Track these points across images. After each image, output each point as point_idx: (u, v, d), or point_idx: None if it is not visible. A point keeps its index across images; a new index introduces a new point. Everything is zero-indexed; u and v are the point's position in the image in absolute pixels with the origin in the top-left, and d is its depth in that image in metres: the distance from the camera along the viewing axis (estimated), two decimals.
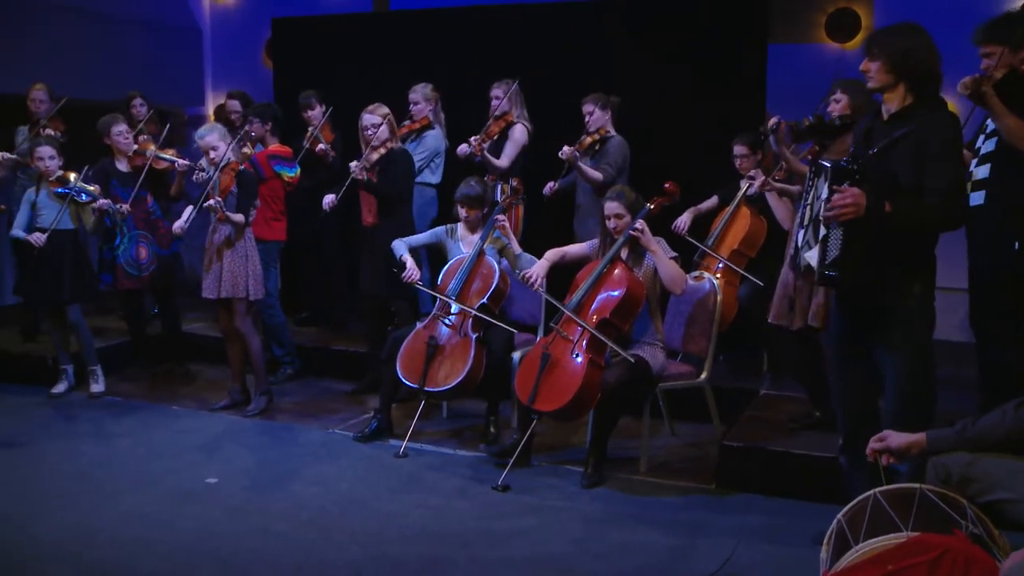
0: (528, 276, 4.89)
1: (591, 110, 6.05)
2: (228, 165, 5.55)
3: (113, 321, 7.38)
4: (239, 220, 5.52)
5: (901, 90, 3.36)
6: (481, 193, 5.39)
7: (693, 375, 5.01)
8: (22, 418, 5.77)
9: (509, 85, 6.30)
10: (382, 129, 5.68)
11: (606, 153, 6.01)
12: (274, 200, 6.38)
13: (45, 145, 5.94)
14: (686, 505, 4.46)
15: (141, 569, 3.76)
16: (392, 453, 5.11)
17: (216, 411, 5.88)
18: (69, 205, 5.92)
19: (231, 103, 7.18)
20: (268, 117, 6.52)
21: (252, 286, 5.66)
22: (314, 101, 6.67)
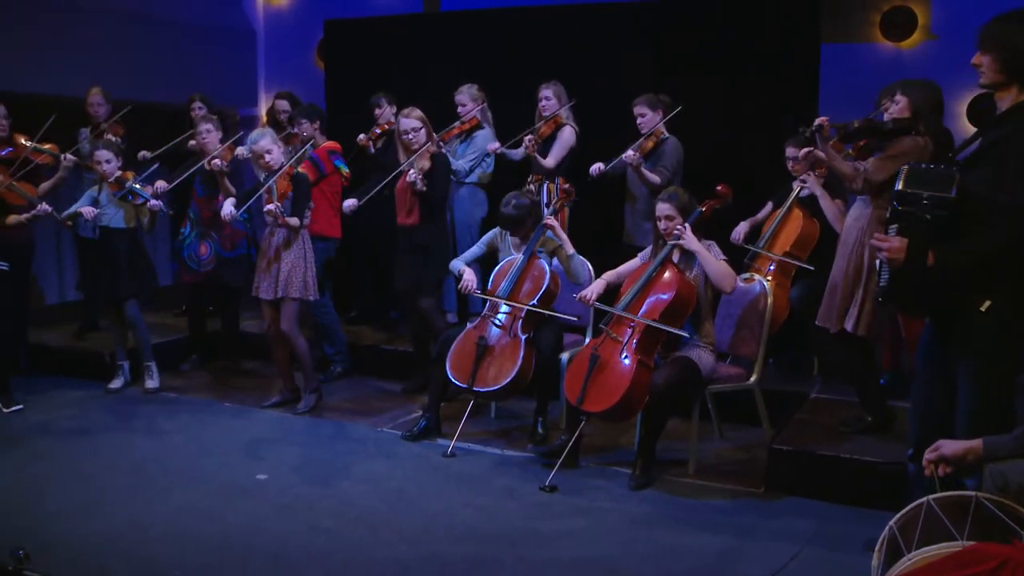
0: (585, 296, 4.89)
1: (643, 112, 6.02)
2: (284, 170, 5.61)
3: (170, 318, 7.52)
4: (296, 224, 5.58)
5: (1014, 90, 3.12)
6: (523, 215, 5.33)
7: (743, 377, 4.97)
8: (80, 412, 5.90)
9: (559, 86, 6.30)
10: (421, 133, 5.71)
11: (662, 155, 5.97)
12: (333, 196, 6.46)
13: (103, 149, 6.06)
14: (734, 509, 4.42)
15: (193, 563, 3.82)
16: (440, 452, 5.14)
17: (267, 408, 5.96)
18: (125, 205, 6.03)
19: (280, 103, 7.26)
20: (315, 117, 6.59)
21: (309, 287, 5.71)
22: (384, 101, 6.73)
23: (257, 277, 5.79)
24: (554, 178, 6.23)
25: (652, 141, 6.01)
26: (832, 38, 6.69)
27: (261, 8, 9.74)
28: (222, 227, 6.41)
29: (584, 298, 4.90)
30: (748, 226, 5.83)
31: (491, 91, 6.67)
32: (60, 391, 6.33)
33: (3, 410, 5.81)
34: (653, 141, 6.02)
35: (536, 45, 7.21)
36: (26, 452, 5.16)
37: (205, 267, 6.46)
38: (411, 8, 8.57)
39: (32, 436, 5.42)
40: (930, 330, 3.44)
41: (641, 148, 5.94)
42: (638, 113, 6.04)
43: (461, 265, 5.42)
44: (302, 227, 5.67)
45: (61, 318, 7.69)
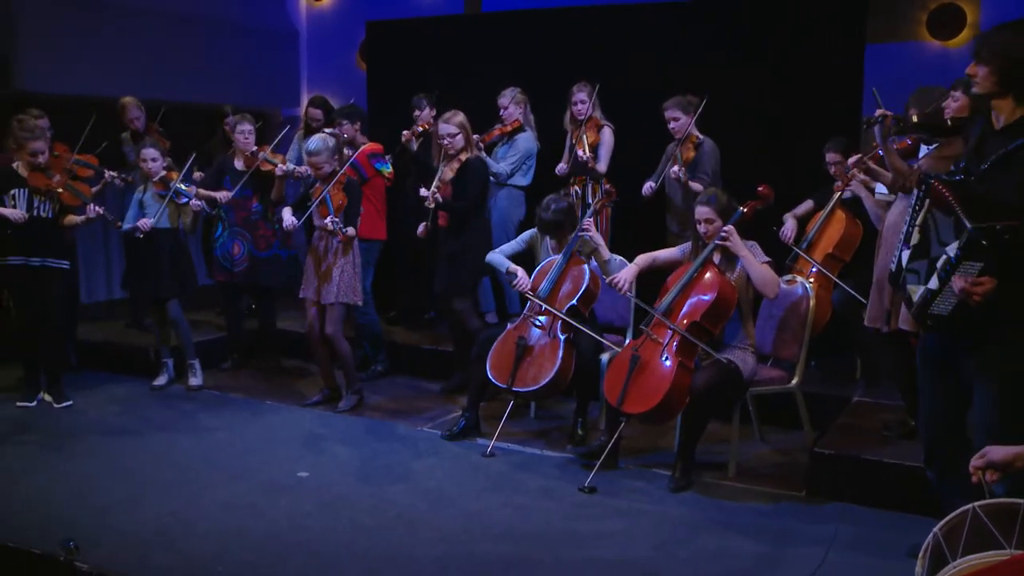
0: (616, 281, 4.87)
1: (676, 116, 5.97)
2: (337, 180, 5.64)
3: (212, 316, 7.61)
4: (351, 234, 5.63)
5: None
6: (561, 219, 5.31)
7: (784, 380, 4.93)
8: (126, 408, 6.00)
9: (592, 88, 6.29)
10: (458, 139, 5.73)
11: (700, 161, 5.93)
12: (376, 198, 6.50)
13: (149, 147, 6.15)
14: (775, 512, 4.39)
15: (235, 558, 3.87)
16: (480, 452, 5.15)
17: (308, 407, 6.01)
18: (169, 205, 6.12)
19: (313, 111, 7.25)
20: (356, 117, 6.62)
21: (357, 293, 5.75)
22: (425, 103, 6.76)
23: (305, 278, 5.84)
24: (599, 179, 6.23)
25: (691, 149, 5.97)
26: (877, 38, 6.62)
27: (304, 9, 9.83)
28: (256, 227, 6.47)
29: (616, 283, 4.87)
30: (794, 222, 5.78)
31: (532, 91, 6.67)
32: (107, 387, 6.44)
33: (54, 405, 5.93)
34: (692, 148, 5.97)
35: (578, 45, 7.21)
36: (76, 447, 5.26)
37: (238, 267, 6.52)
38: (453, 9, 8.61)
39: (81, 431, 5.52)
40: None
41: (684, 161, 5.90)
42: (670, 117, 5.99)
43: (508, 263, 5.41)
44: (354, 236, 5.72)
45: (109, 315, 7.84)
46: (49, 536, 3.91)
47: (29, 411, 5.86)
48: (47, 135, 6.46)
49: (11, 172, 5.75)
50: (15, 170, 5.75)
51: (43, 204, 5.75)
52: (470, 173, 5.78)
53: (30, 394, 5.97)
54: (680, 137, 5.98)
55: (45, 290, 5.80)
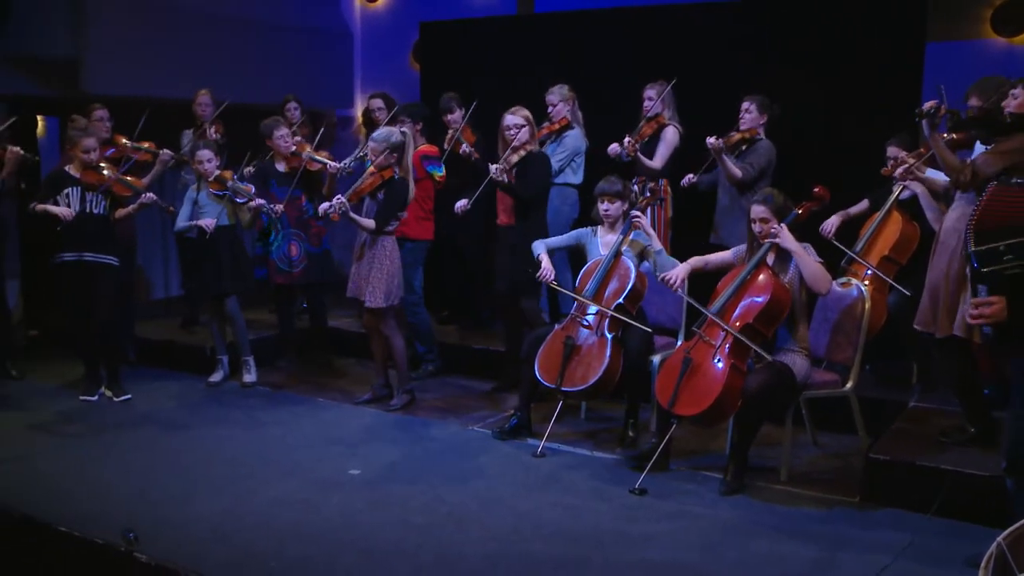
0: (668, 279, 4.85)
1: (749, 108, 5.96)
2: (382, 171, 5.68)
3: (265, 314, 7.72)
4: (367, 225, 5.64)
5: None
6: (620, 188, 5.36)
7: (838, 384, 4.87)
8: (183, 404, 6.11)
9: (663, 86, 6.26)
10: (523, 131, 5.74)
11: (752, 152, 5.91)
12: (425, 199, 6.52)
13: (204, 148, 6.26)
14: (829, 518, 4.34)
15: (287, 554, 3.92)
16: (530, 452, 5.16)
17: (360, 404, 6.07)
18: (226, 204, 6.21)
19: (374, 102, 7.32)
20: (419, 117, 6.65)
21: (391, 293, 5.75)
22: (454, 104, 6.77)
23: (351, 276, 5.90)
24: (658, 179, 6.20)
25: (741, 136, 5.94)
26: (939, 36, 6.50)
27: (358, 10, 9.91)
28: (308, 225, 6.55)
29: (667, 280, 4.85)
30: (839, 220, 5.70)
31: (586, 91, 6.65)
32: (164, 383, 6.57)
33: (113, 399, 6.07)
34: (743, 136, 5.94)
35: (631, 45, 7.19)
36: (135, 441, 5.37)
37: (297, 266, 6.58)
38: (505, 10, 8.62)
39: (140, 425, 5.64)
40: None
41: (727, 138, 5.87)
42: (744, 108, 5.98)
43: (542, 250, 5.40)
44: (379, 232, 5.71)
45: (166, 313, 8.00)
46: (111, 527, 4.00)
47: (91, 405, 6.01)
48: (107, 126, 6.62)
49: (63, 174, 5.89)
50: (67, 172, 5.88)
51: (96, 200, 5.87)
52: (533, 164, 5.78)
53: (92, 389, 6.11)
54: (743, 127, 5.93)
55: (97, 286, 5.92)
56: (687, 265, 4.94)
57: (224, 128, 7.15)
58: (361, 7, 9.89)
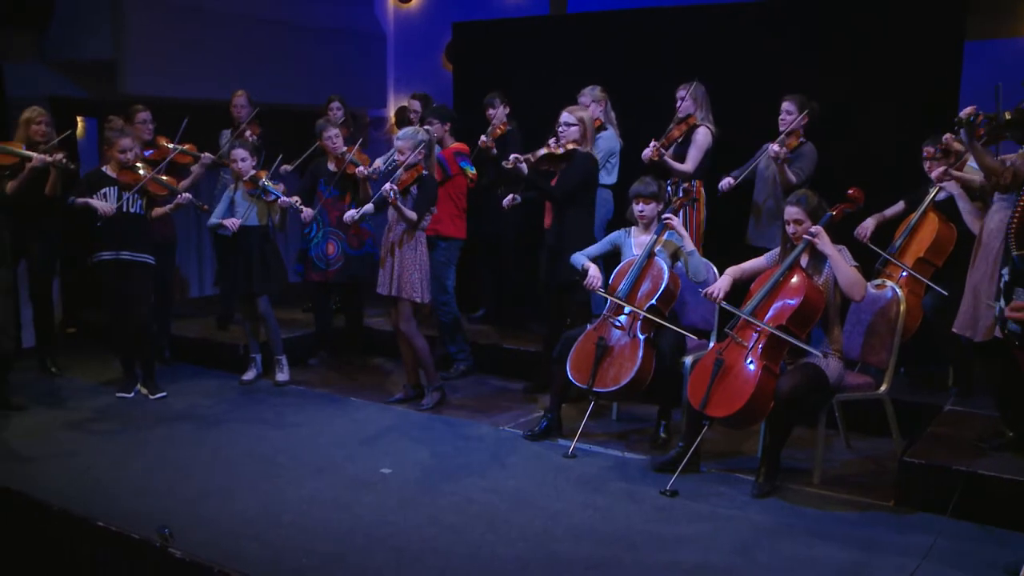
0: (711, 292, 4.83)
1: (791, 109, 5.87)
2: (413, 166, 5.71)
3: (299, 313, 7.78)
4: (411, 216, 5.65)
5: None
6: (655, 190, 5.35)
7: (872, 387, 4.83)
8: (217, 401, 6.17)
9: (695, 88, 6.23)
10: (571, 130, 5.72)
11: (800, 157, 5.82)
12: (458, 196, 6.55)
13: (240, 148, 6.32)
14: (862, 521, 4.30)
15: (320, 551, 3.95)
16: (561, 453, 5.16)
17: (391, 404, 6.10)
18: (258, 203, 6.26)
19: (413, 103, 7.38)
20: (446, 118, 6.69)
21: (420, 289, 5.76)
22: (497, 101, 6.80)
23: (378, 273, 5.93)
24: (691, 181, 6.17)
25: (796, 139, 5.86)
26: (978, 34, 6.42)
27: (391, 11, 9.97)
28: (348, 226, 6.58)
29: (710, 294, 4.83)
30: (875, 222, 5.65)
31: (619, 92, 6.64)
32: (198, 380, 6.64)
33: (149, 397, 6.15)
34: (796, 140, 5.86)
35: (664, 45, 7.17)
36: (169, 438, 5.44)
37: (333, 265, 6.63)
38: (538, 10, 8.63)
39: (174, 423, 5.71)
40: None
41: (787, 144, 5.78)
42: (785, 109, 5.89)
43: (585, 260, 5.40)
44: (418, 227, 5.74)
45: (201, 311, 8.08)
46: (146, 523, 4.06)
47: (127, 402, 6.08)
48: (150, 128, 6.72)
49: (100, 174, 5.97)
50: (104, 171, 5.96)
51: (132, 199, 5.94)
52: (574, 163, 5.74)
53: (128, 386, 6.19)
54: (784, 130, 5.86)
55: (134, 284, 5.99)
56: (727, 277, 4.90)
57: (260, 130, 7.20)
58: (394, 8, 9.94)
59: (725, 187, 6.01)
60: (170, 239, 6.85)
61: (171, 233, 6.84)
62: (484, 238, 7.06)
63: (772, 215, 5.88)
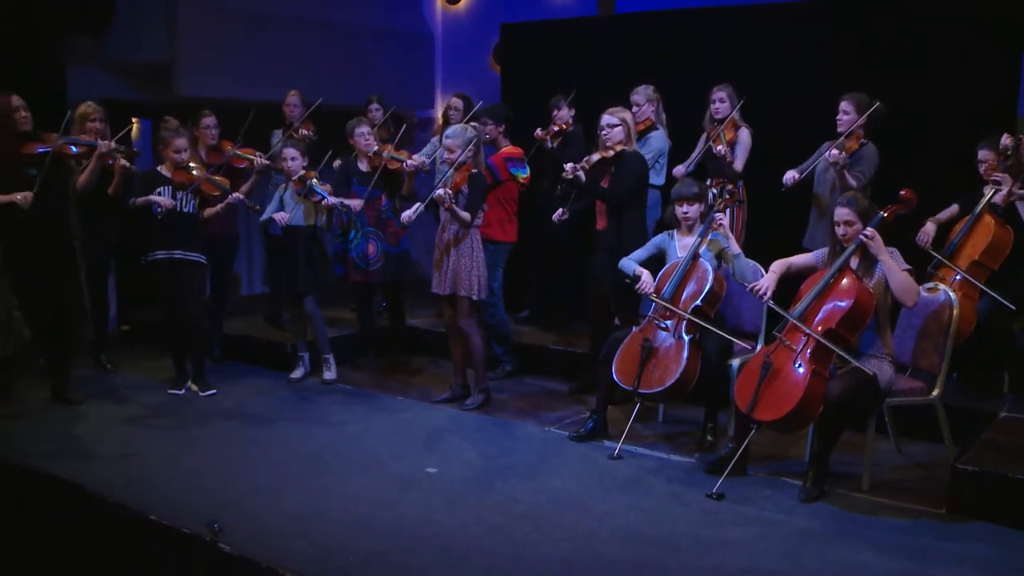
0: (758, 288, 4.77)
1: (848, 110, 5.75)
2: (464, 165, 5.72)
3: (346, 312, 7.84)
4: (465, 217, 5.67)
5: None
6: (698, 191, 5.32)
7: (923, 392, 4.75)
8: (265, 399, 6.25)
9: (732, 88, 6.19)
10: (615, 131, 5.70)
11: (861, 159, 5.70)
12: (508, 202, 6.55)
13: (290, 147, 6.39)
14: (913, 529, 4.23)
15: (366, 549, 3.98)
16: (607, 454, 5.15)
17: (437, 403, 6.13)
18: (305, 202, 6.32)
19: (455, 101, 7.39)
20: (501, 118, 6.68)
21: (476, 286, 5.80)
22: (563, 103, 6.80)
23: (434, 273, 5.96)
24: (736, 181, 6.12)
25: (856, 142, 5.76)
26: None
27: (439, 12, 10.02)
28: (386, 224, 6.62)
29: (757, 290, 4.78)
30: (934, 227, 5.56)
31: (667, 93, 6.61)
32: (247, 379, 6.73)
33: (200, 394, 6.24)
34: (856, 143, 5.76)
35: (711, 46, 7.13)
36: (219, 434, 5.52)
37: (374, 265, 6.67)
38: (586, 11, 8.62)
39: (224, 420, 5.79)
40: None
41: (846, 148, 5.68)
42: (843, 109, 5.77)
43: (635, 266, 5.38)
44: (472, 226, 5.76)
45: (250, 309, 8.19)
46: (196, 517, 4.11)
47: (178, 398, 6.19)
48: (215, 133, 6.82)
49: (156, 173, 6.07)
50: (160, 171, 6.06)
51: (186, 199, 6.03)
52: (624, 164, 5.70)
53: (179, 383, 6.29)
54: (844, 131, 5.78)
55: (186, 283, 6.08)
56: (774, 273, 4.84)
57: (315, 127, 7.28)
58: (442, 9, 9.99)
59: (790, 181, 5.88)
60: (232, 237, 6.96)
61: (233, 231, 6.95)
62: (534, 239, 7.05)
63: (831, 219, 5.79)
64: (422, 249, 9.15)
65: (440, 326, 6.76)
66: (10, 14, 7.01)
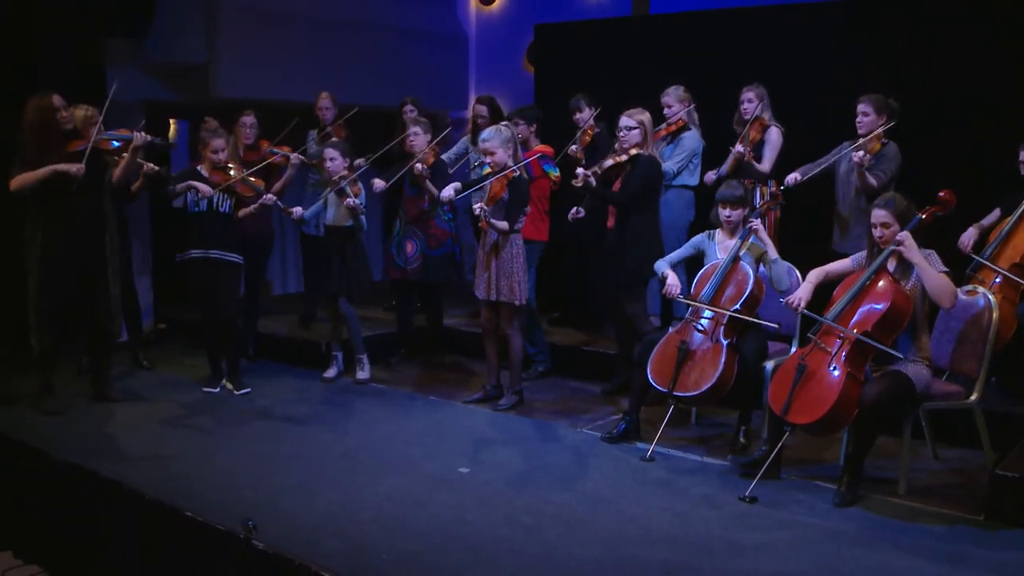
0: (791, 301, 4.74)
1: (867, 111, 5.71)
2: (504, 172, 5.71)
3: (380, 312, 7.89)
4: (503, 228, 5.68)
5: None
6: (743, 194, 5.28)
7: (961, 396, 4.68)
8: (299, 398, 6.30)
9: (761, 88, 6.14)
10: (632, 134, 5.69)
11: (881, 159, 5.66)
12: (541, 200, 6.55)
13: (330, 147, 6.42)
14: (950, 535, 4.17)
15: (398, 548, 3.99)
16: (639, 456, 5.13)
17: (470, 403, 6.14)
18: (341, 204, 6.35)
19: (479, 108, 7.38)
20: (533, 119, 6.68)
21: (518, 292, 5.78)
22: (583, 104, 6.78)
23: (476, 275, 5.96)
24: (767, 182, 6.08)
25: (878, 143, 5.70)
26: None
27: (473, 13, 10.05)
28: (428, 226, 6.64)
29: (791, 303, 4.75)
30: (976, 232, 5.49)
31: (699, 93, 6.58)
32: (281, 377, 6.78)
33: (234, 393, 6.30)
34: (879, 143, 5.71)
35: (746, 46, 7.08)
36: (253, 433, 5.57)
37: (411, 264, 6.69)
38: (620, 11, 8.60)
39: (258, 418, 5.85)
40: None
41: (869, 149, 5.63)
42: (861, 111, 5.73)
43: (665, 268, 5.36)
44: (512, 232, 5.75)
45: (284, 309, 8.25)
46: (230, 514, 4.16)
47: (213, 397, 6.25)
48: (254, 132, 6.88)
49: (194, 172, 6.12)
50: (198, 171, 6.12)
51: (221, 199, 6.09)
52: (636, 167, 5.70)
53: (214, 381, 6.36)
54: (862, 133, 5.73)
55: (221, 282, 6.14)
56: (809, 284, 4.80)
57: (346, 132, 7.31)
58: (476, 10, 10.02)
59: (791, 182, 5.85)
60: (266, 237, 7.02)
61: (267, 231, 7.01)
62: (565, 239, 7.05)
63: (857, 221, 5.73)
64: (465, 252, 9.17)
65: (474, 326, 6.76)
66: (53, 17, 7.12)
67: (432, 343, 7.21)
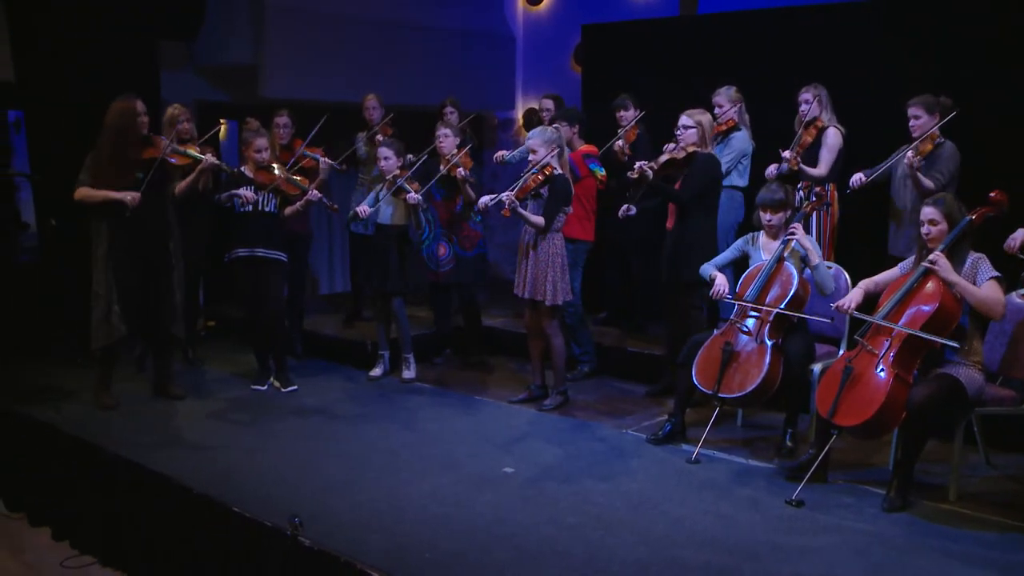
0: (841, 305, 4.68)
1: (918, 114, 5.61)
2: (545, 167, 5.70)
3: (424, 311, 7.92)
4: (537, 222, 5.66)
5: None
6: (783, 198, 5.23)
7: (1015, 401, 4.59)
8: (345, 396, 6.36)
9: (818, 89, 6.07)
10: (690, 132, 5.66)
11: (937, 159, 5.56)
12: (587, 199, 6.55)
13: (384, 146, 6.46)
14: (1002, 543, 4.09)
15: (442, 547, 4.01)
16: (684, 458, 5.11)
17: (514, 404, 6.15)
18: (397, 202, 6.39)
19: (545, 102, 7.41)
20: (575, 120, 6.68)
21: (556, 290, 5.76)
22: (629, 103, 6.77)
23: (516, 274, 5.96)
24: (825, 184, 6.00)
25: (930, 144, 5.61)
26: None
27: (520, 13, 10.06)
28: (460, 228, 6.66)
29: (840, 307, 4.69)
30: None
31: (750, 93, 6.52)
32: (328, 375, 6.85)
33: (281, 390, 6.38)
34: (931, 144, 5.62)
35: (796, 46, 7.01)
36: (300, 430, 5.63)
37: (444, 267, 6.72)
38: (668, 11, 8.56)
39: (304, 416, 5.91)
40: None
41: (919, 151, 5.56)
42: (912, 115, 5.64)
43: (712, 270, 5.33)
44: (548, 229, 5.72)
45: (330, 308, 8.33)
46: (276, 510, 4.21)
47: (260, 394, 6.33)
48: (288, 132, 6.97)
49: (239, 173, 6.20)
50: (243, 171, 6.20)
51: (266, 198, 6.16)
52: (696, 165, 5.66)
53: (261, 379, 6.44)
54: (917, 136, 5.63)
55: (267, 281, 6.21)
56: (859, 290, 4.73)
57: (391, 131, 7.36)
58: (523, 10, 10.02)
59: (856, 183, 5.76)
60: (305, 234, 7.09)
61: (306, 229, 7.08)
62: (611, 240, 7.03)
63: (914, 224, 5.64)
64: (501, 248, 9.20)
65: (519, 326, 6.77)
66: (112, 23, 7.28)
67: (472, 344, 7.23)
